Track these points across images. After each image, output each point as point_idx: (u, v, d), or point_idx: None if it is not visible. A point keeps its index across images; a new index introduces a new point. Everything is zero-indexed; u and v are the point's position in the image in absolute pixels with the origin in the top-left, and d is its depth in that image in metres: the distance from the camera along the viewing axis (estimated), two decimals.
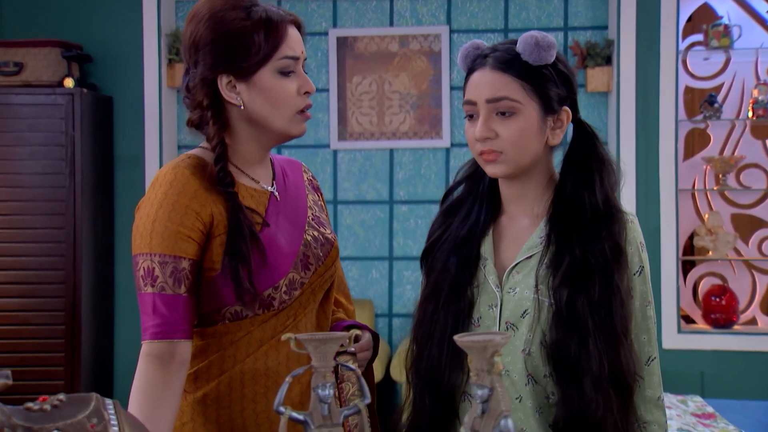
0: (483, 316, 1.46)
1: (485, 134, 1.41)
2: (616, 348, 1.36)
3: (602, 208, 1.42)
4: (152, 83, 4.32)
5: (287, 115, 1.48)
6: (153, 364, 1.37)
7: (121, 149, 4.39)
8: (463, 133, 4.44)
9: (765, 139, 4.33)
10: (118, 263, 4.39)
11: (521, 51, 1.42)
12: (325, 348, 1.08)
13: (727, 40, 4.15)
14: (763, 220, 4.34)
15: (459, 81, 4.42)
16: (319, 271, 1.54)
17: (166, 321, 1.37)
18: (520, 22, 4.40)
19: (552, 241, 1.43)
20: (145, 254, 1.39)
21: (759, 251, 4.33)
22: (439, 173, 4.46)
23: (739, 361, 4.05)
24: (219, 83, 1.46)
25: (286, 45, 1.46)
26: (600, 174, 1.45)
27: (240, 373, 1.47)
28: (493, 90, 1.41)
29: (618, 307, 1.37)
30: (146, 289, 1.39)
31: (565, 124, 1.46)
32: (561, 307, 1.37)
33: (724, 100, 4.30)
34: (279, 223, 1.51)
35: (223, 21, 1.44)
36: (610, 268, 1.38)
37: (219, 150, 1.46)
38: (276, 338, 1.47)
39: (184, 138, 4.53)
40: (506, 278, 1.46)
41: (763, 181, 4.32)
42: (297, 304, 1.50)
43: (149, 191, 1.45)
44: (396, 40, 4.39)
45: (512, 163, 1.43)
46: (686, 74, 4.33)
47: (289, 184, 1.61)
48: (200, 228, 1.41)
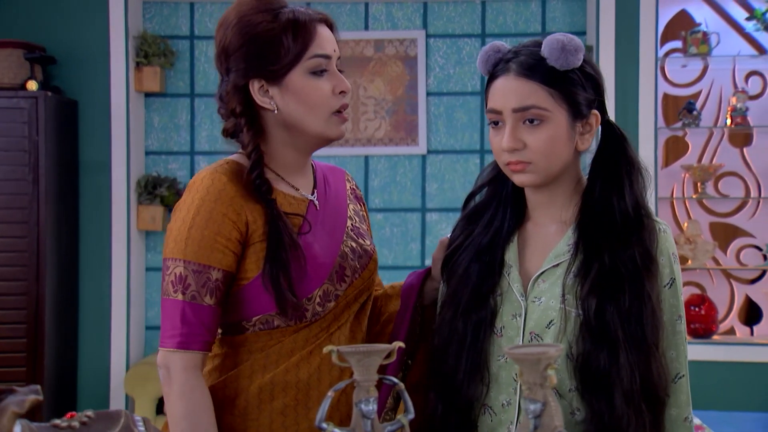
0: (506, 325, 1.40)
1: (513, 145, 1.36)
2: (648, 360, 1.31)
3: (632, 214, 1.37)
4: (119, 87, 4.20)
5: (323, 117, 1.46)
6: (191, 373, 1.37)
7: (86, 155, 4.25)
8: (439, 139, 4.37)
9: (743, 147, 4.31)
10: (83, 273, 4.25)
11: (547, 55, 1.35)
12: (368, 361, 1.06)
13: (705, 47, 4.12)
14: (741, 228, 4.32)
15: (436, 86, 4.35)
16: (355, 284, 1.50)
17: (193, 331, 1.37)
18: (497, 27, 4.34)
19: (580, 248, 1.37)
20: (178, 260, 1.38)
21: (737, 260, 4.30)
22: (415, 180, 4.38)
23: (718, 372, 4.01)
24: (251, 89, 1.45)
25: (316, 44, 1.44)
26: (630, 178, 1.39)
27: (270, 384, 1.44)
28: (519, 98, 1.36)
29: (649, 317, 1.31)
30: (176, 296, 1.37)
31: (594, 128, 1.41)
32: (590, 318, 1.31)
33: (702, 107, 4.28)
34: (316, 232, 1.48)
35: (251, 25, 1.42)
36: (641, 276, 1.33)
37: (254, 157, 1.43)
38: (308, 350, 1.44)
39: (151, 143, 4.41)
40: (531, 287, 1.40)
41: (741, 189, 4.29)
42: (331, 316, 1.47)
43: (186, 194, 1.43)
44: (371, 44, 4.31)
45: (542, 173, 1.38)
46: (664, 81, 4.30)
47: (330, 193, 1.58)
48: (237, 237, 1.40)
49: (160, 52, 4.23)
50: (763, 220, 4.28)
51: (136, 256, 4.31)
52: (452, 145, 4.37)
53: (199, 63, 4.42)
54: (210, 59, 4.40)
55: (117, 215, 4.21)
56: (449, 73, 4.38)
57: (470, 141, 4.37)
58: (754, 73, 4.31)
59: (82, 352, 4.23)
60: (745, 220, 4.31)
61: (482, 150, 4.37)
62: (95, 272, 4.23)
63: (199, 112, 4.43)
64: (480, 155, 4.37)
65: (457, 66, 4.37)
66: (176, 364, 1.37)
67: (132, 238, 4.25)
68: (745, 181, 4.30)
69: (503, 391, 1.39)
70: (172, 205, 4.29)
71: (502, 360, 1.39)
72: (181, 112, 4.42)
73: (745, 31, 4.29)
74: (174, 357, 1.37)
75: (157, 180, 4.26)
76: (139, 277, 4.34)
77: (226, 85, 1.47)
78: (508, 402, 1.39)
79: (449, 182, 4.38)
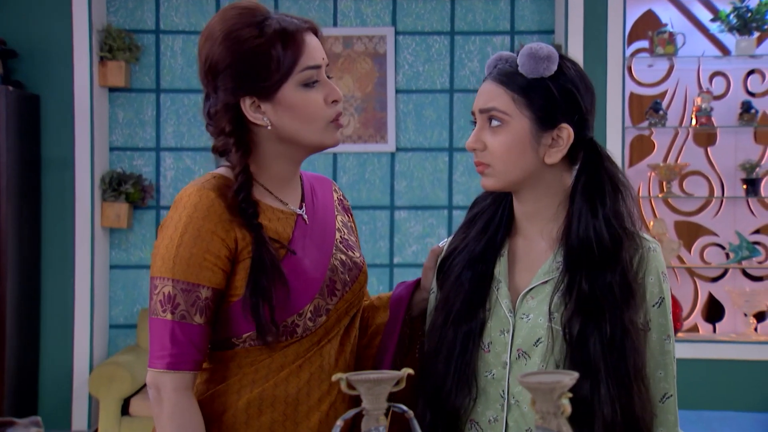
0: (494, 341, 1.39)
1: (472, 144, 1.40)
2: (629, 393, 1.29)
3: (607, 238, 1.35)
4: (83, 81, 4.11)
5: (319, 128, 1.43)
6: (183, 394, 1.35)
7: (49, 151, 4.16)
8: (408, 137, 4.36)
9: (707, 147, 4.37)
10: (45, 272, 4.16)
11: (519, 63, 1.37)
12: (378, 389, 1.04)
13: (672, 48, 4.17)
14: (705, 227, 4.37)
15: (405, 84, 4.34)
16: (345, 297, 1.48)
17: (183, 351, 1.35)
18: (466, 24, 4.34)
19: (566, 268, 1.36)
20: (166, 279, 1.36)
21: (701, 258, 4.36)
22: (384, 178, 4.36)
23: (682, 369, 4.04)
24: (242, 106, 1.40)
25: (306, 56, 1.39)
26: (610, 198, 1.37)
27: (259, 399, 1.41)
28: (485, 100, 1.39)
29: (631, 349, 1.30)
30: (165, 316, 1.35)
31: (565, 143, 1.37)
32: (572, 342, 1.31)
33: (668, 107, 4.32)
34: (306, 247, 1.45)
35: (238, 42, 1.38)
36: (619, 306, 1.31)
37: (241, 179, 1.40)
38: (297, 363, 1.42)
39: (116, 139, 4.33)
40: (520, 303, 1.39)
41: (705, 188, 4.35)
42: (322, 330, 1.44)
43: (172, 211, 1.40)
44: (340, 40, 4.28)
45: (500, 177, 1.38)
46: (631, 80, 4.34)
47: (318, 205, 1.55)
48: (226, 254, 1.37)
49: (125, 47, 4.15)
50: (726, 219, 4.34)
51: (101, 254, 4.24)
52: (421, 143, 4.37)
53: (164, 58, 4.35)
54: (176, 54, 4.34)
55: (81, 212, 4.13)
56: (418, 70, 4.37)
57: (439, 139, 4.37)
58: (719, 74, 4.37)
59: (44, 352, 4.15)
60: (709, 219, 4.37)
61: (451, 148, 4.37)
62: (58, 270, 4.15)
63: (164, 107, 4.36)
64: (449, 153, 4.37)
65: (427, 63, 4.36)
66: (167, 385, 1.35)
67: (96, 236, 4.18)
68: (709, 181, 4.35)
69: (490, 406, 1.39)
70: (138, 202, 4.22)
71: (489, 376, 1.39)
72: (146, 107, 4.35)
73: (709, 32, 4.34)
74: (164, 378, 1.35)
75: (122, 176, 4.19)
76: (103, 275, 4.27)
77: (214, 102, 1.42)
78: (495, 418, 1.38)
79: (418, 180, 4.37)
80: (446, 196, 4.38)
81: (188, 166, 4.37)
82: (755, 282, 4.35)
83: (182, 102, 4.35)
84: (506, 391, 1.37)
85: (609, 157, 1.41)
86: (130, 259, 4.35)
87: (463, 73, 4.36)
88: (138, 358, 3.99)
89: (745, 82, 4.36)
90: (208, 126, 1.46)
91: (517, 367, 1.36)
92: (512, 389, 1.36)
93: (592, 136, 1.41)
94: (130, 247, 4.35)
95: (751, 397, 3.95)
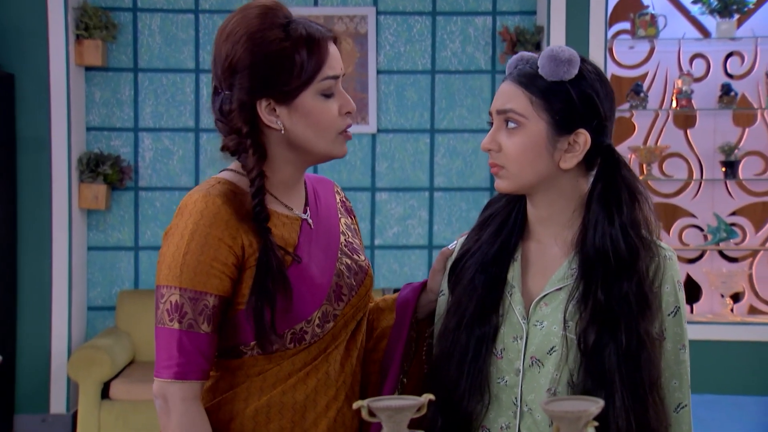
0: (507, 348, 1.38)
1: (487, 145, 1.37)
2: (644, 405, 1.29)
3: (624, 247, 1.33)
4: (59, 60, 4.04)
5: (330, 138, 1.41)
6: (191, 403, 1.34)
7: (24, 131, 4.09)
8: (390, 118, 4.33)
9: (687, 129, 4.38)
10: (22, 254, 4.11)
11: (539, 65, 1.34)
12: (399, 417, 1.02)
13: (653, 30, 4.17)
14: (684, 209, 4.40)
15: (386, 65, 4.31)
16: (352, 302, 1.46)
17: (190, 360, 1.33)
18: (447, 5, 4.31)
19: (581, 276, 1.34)
20: (173, 287, 1.34)
21: (680, 240, 4.39)
22: (365, 160, 4.34)
23: None
24: (258, 107, 1.38)
25: (328, 65, 1.38)
26: (628, 207, 1.35)
27: (266, 407, 1.40)
28: (502, 101, 1.37)
29: (646, 361, 1.29)
30: (172, 325, 1.33)
31: (581, 148, 1.35)
32: (588, 351, 1.30)
33: (648, 89, 4.33)
34: (311, 253, 1.44)
35: (263, 43, 1.35)
36: (635, 317, 1.30)
37: (258, 183, 1.38)
38: (305, 371, 1.41)
39: (93, 119, 4.27)
40: (533, 310, 1.37)
41: (685, 170, 4.37)
42: (329, 336, 1.43)
43: (177, 218, 1.38)
44: (320, 20, 4.18)
45: (514, 179, 1.36)
46: (612, 62, 4.33)
47: (321, 208, 1.53)
48: (233, 262, 1.36)
49: (102, 25, 4.08)
50: (704, 201, 4.38)
51: (78, 236, 4.19)
52: (402, 125, 4.34)
53: (142, 36, 4.28)
54: (154, 32, 4.27)
55: (57, 193, 4.08)
56: (400, 50, 4.33)
57: (420, 120, 4.35)
58: (699, 56, 4.38)
59: (22, 335, 4.10)
60: (688, 201, 4.40)
61: (432, 129, 4.35)
62: (35, 253, 4.10)
63: (142, 87, 4.30)
64: (430, 134, 4.35)
65: (408, 44, 4.33)
66: (174, 395, 1.33)
67: (74, 217, 4.13)
68: (689, 163, 4.38)
69: (503, 413, 1.37)
70: (116, 184, 4.17)
71: (502, 383, 1.37)
72: (123, 87, 4.29)
73: (691, 14, 4.34)
74: (172, 388, 1.33)
75: (100, 157, 4.14)
76: (81, 257, 4.23)
77: (229, 100, 1.39)
78: (507, 425, 1.37)
79: (399, 161, 4.36)
80: (427, 178, 4.37)
81: (167, 147, 4.32)
82: (732, 263, 4.39)
83: (161, 81, 4.29)
84: (519, 398, 1.35)
85: (626, 164, 1.38)
86: (108, 240, 4.31)
87: (444, 54, 4.33)
88: (118, 341, 3.96)
89: (724, 65, 4.37)
90: (217, 122, 1.43)
91: (530, 375, 1.35)
92: (525, 396, 1.35)
93: (611, 142, 1.39)
94: (108, 228, 4.30)
95: (728, 378, 4.00)
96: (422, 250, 4.36)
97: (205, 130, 4.30)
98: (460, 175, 4.37)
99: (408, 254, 4.35)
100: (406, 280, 4.35)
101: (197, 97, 4.31)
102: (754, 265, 4.38)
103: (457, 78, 4.33)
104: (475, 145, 4.35)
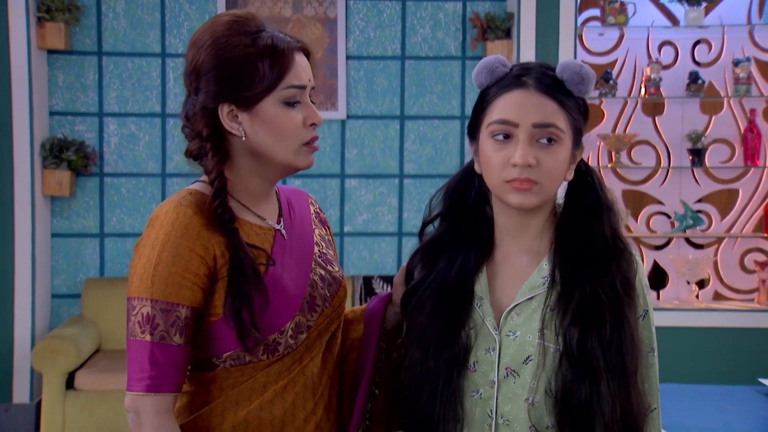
0: (480, 360, 1.36)
1: (530, 161, 1.30)
2: (628, 389, 1.30)
3: (611, 242, 1.36)
4: (20, 43, 3.93)
5: (292, 148, 1.40)
6: (164, 416, 1.32)
7: None
8: (359, 104, 4.29)
9: (655, 117, 4.41)
10: None
11: (567, 79, 1.34)
12: None
13: (623, 17, 4.17)
14: (651, 195, 4.44)
15: (356, 50, 4.26)
16: (326, 313, 1.45)
17: (163, 372, 1.32)
18: None
19: (557, 280, 1.34)
20: (144, 299, 1.32)
21: (647, 227, 4.42)
22: (334, 146, 4.30)
23: None
24: (220, 112, 1.39)
25: (293, 74, 1.38)
26: (607, 207, 1.39)
27: (244, 423, 1.38)
28: (542, 115, 1.31)
29: (628, 345, 1.31)
30: (143, 337, 1.32)
31: (577, 160, 1.39)
32: (571, 348, 1.30)
33: (617, 76, 4.34)
34: (285, 263, 1.43)
35: (227, 47, 1.36)
36: (621, 304, 1.32)
37: (218, 184, 1.38)
38: (281, 384, 1.40)
39: (56, 104, 4.18)
40: (504, 320, 1.36)
41: (653, 158, 4.40)
42: (303, 347, 1.42)
43: (148, 230, 1.37)
44: (289, 4, 4.17)
45: (543, 195, 1.34)
46: (582, 49, 4.34)
47: (295, 219, 1.52)
48: (205, 272, 1.35)
49: (64, 7, 3.98)
50: (672, 188, 4.41)
51: (41, 223, 4.10)
52: (372, 111, 4.31)
53: (107, 19, 4.19)
54: (118, 15, 4.18)
55: (20, 180, 3.99)
56: (369, 36, 4.29)
57: (390, 106, 4.32)
58: (668, 43, 4.40)
59: None
60: (656, 188, 4.43)
61: (402, 116, 4.33)
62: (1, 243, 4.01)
63: (107, 71, 4.21)
64: (400, 121, 4.33)
65: (378, 29, 4.29)
66: (147, 408, 1.31)
67: (37, 204, 4.04)
68: (657, 150, 4.41)
69: (477, 428, 1.36)
70: (80, 169, 4.09)
71: (476, 396, 1.36)
72: (87, 70, 4.19)
73: (660, 2, 4.35)
74: (144, 401, 1.31)
75: (64, 143, 4.05)
76: (44, 244, 4.14)
77: (193, 104, 1.40)
78: None
79: (369, 148, 4.32)
80: (397, 165, 4.34)
81: (133, 133, 4.25)
82: (698, 250, 4.44)
83: (126, 66, 4.21)
84: (494, 411, 1.34)
85: (595, 172, 1.43)
86: (72, 227, 4.23)
87: (414, 40, 4.30)
88: (83, 331, 3.89)
89: (692, 52, 4.40)
90: (183, 128, 1.43)
91: (505, 386, 1.34)
92: (501, 408, 1.34)
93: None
94: (73, 215, 4.22)
95: (694, 364, 4.05)
96: (392, 237, 4.34)
97: (171, 116, 4.23)
98: (430, 161, 4.35)
99: (378, 241, 4.33)
100: (375, 267, 4.34)
101: (164, 81, 4.23)
102: (719, 252, 4.43)
103: (428, 64, 4.30)
104: (445, 131, 4.33)
